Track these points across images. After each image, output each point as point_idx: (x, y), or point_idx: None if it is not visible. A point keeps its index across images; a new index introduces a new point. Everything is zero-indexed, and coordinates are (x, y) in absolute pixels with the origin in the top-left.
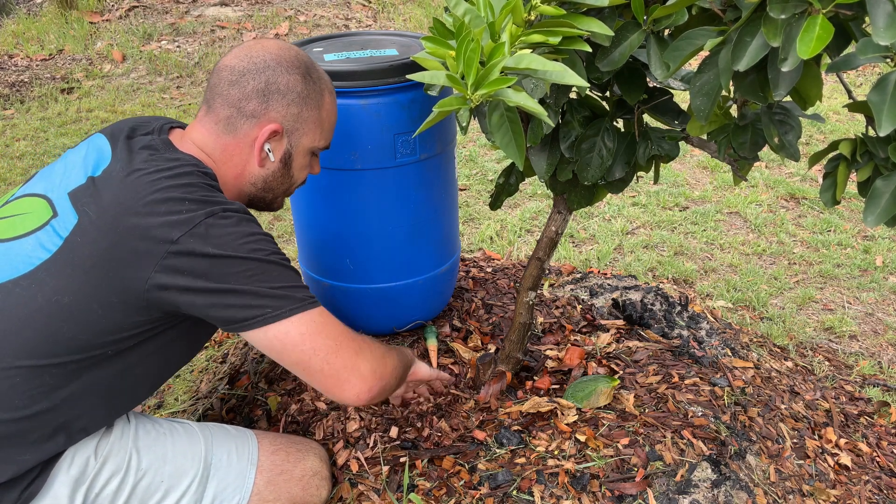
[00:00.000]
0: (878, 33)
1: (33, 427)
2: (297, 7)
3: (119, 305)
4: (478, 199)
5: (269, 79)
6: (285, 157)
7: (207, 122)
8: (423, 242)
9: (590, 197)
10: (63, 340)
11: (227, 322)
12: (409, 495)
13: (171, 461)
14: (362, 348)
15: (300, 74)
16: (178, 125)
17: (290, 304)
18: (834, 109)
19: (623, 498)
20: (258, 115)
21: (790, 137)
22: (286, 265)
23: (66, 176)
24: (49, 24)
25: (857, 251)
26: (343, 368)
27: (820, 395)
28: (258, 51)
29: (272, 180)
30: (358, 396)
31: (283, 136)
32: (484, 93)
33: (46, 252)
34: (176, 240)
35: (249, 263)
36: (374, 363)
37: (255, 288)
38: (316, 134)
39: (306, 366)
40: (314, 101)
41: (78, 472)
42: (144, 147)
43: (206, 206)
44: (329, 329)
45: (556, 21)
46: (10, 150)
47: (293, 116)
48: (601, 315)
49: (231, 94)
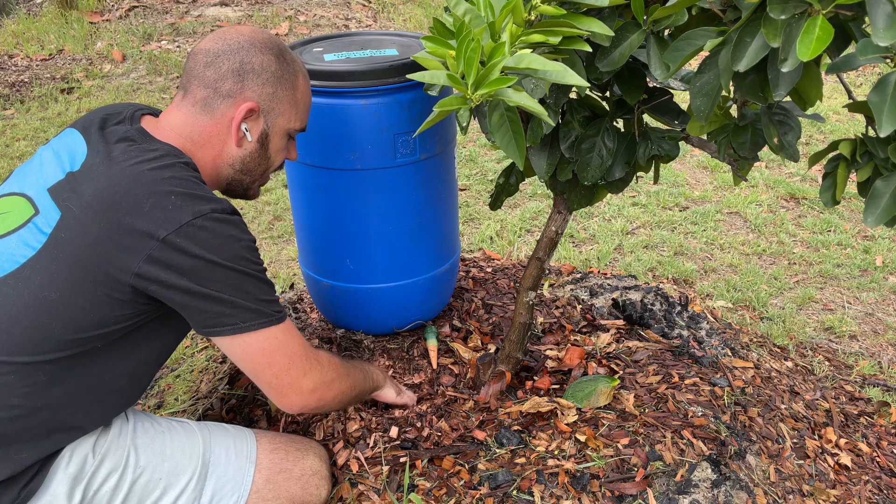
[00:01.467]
0: (877, 34)
1: (30, 425)
2: (297, 7)
3: (105, 298)
4: (478, 199)
5: (244, 59)
6: (262, 138)
7: (184, 106)
8: (423, 242)
9: (590, 197)
10: (52, 336)
11: (198, 325)
12: (410, 495)
13: (170, 459)
14: (312, 369)
15: (273, 55)
16: (149, 111)
17: (259, 318)
18: (834, 109)
19: (623, 498)
20: (234, 95)
21: (790, 138)
22: (263, 277)
23: (42, 173)
24: (49, 24)
25: (857, 251)
26: (287, 385)
27: (820, 395)
28: (232, 34)
29: (249, 161)
30: (291, 408)
31: (260, 115)
32: (484, 92)
33: (31, 249)
34: (163, 238)
35: (230, 273)
36: (317, 385)
37: (231, 298)
38: (291, 114)
39: (257, 374)
40: (289, 82)
41: (76, 470)
42: (121, 139)
43: (194, 203)
44: (287, 347)
45: (556, 21)
46: (10, 150)
47: (268, 96)
48: (601, 315)
49: (207, 76)
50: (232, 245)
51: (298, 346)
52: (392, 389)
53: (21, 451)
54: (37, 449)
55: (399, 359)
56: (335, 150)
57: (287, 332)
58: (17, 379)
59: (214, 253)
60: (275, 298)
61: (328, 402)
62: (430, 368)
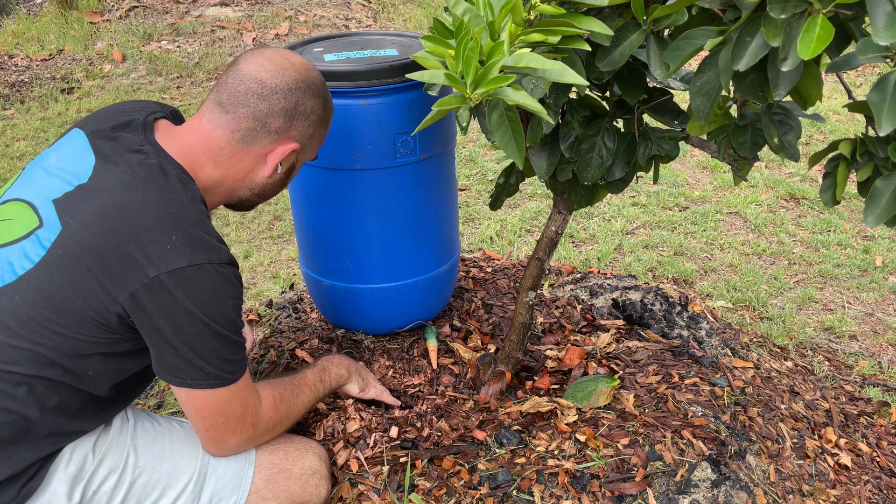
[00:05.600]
0: (878, 33)
1: (28, 429)
2: (297, 7)
3: (93, 322)
4: (478, 199)
5: (299, 101)
6: (289, 170)
7: (222, 126)
8: (423, 242)
9: (590, 197)
10: (45, 352)
11: (155, 365)
12: (410, 495)
13: (169, 459)
14: (243, 431)
15: (322, 99)
16: (163, 114)
17: (209, 379)
18: (834, 109)
19: (623, 498)
20: (280, 133)
21: (790, 137)
22: (234, 337)
23: (49, 181)
24: (49, 24)
25: (857, 251)
26: (213, 439)
27: (820, 395)
28: (287, 68)
29: (271, 188)
30: (211, 454)
31: (296, 152)
32: (483, 91)
33: (30, 262)
34: (153, 276)
35: (204, 329)
36: (241, 444)
37: (191, 356)
38: (316, 150)
39: (193, 420)
40: (326, 123)
41: (76, 469)
42: (132, 150)
43: (193, 248)
44: (227, 408)
45: (555, 20)
46: (10, 150)
47: (308, 137)
48: (601, 315)
49: (259, 109)
50: (217, 302)
51: (240, 407)
52: (355, 385)
53: (20, 451)
54: (36, 449)
55: (399, 359)
56: (335, 150)
57: (234, 393)
58: (12, 388)
59: (197, 306)
60: (238, 358)
61: (252, 446)
62: (430, 368)
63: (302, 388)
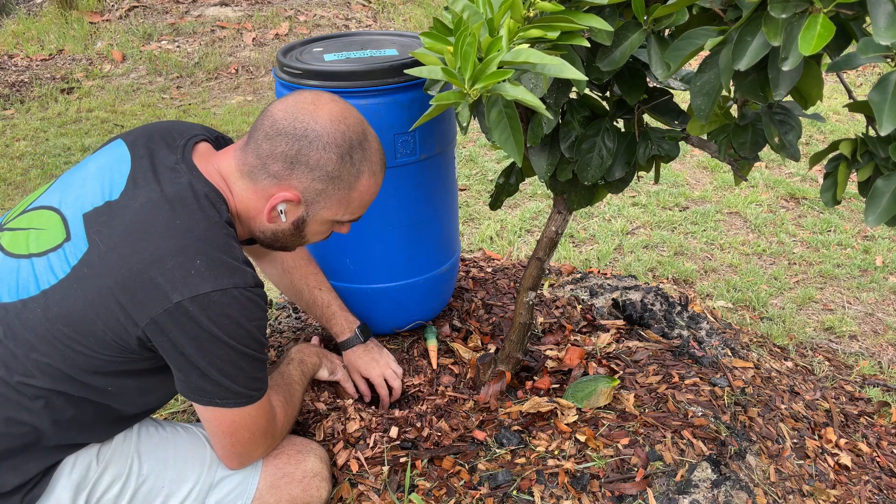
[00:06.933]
0: (878, 33)
1: (38, 441)
2: (297, 7)
3: (113, 343)
4: (478, 199)
5: (301, 150)
6: (298, 222)
7: (239, 157)
8: (422, 242)
9: (590, 197)
10: (63, 369)
11: (181, 385)
12: (410, 495)
13: (173, 466)
14: (267, 443)
15: (337, 154)
16: (204, 137)
17: (237, 398)
18: (834, 109)
19: (623, 498)
20: (279, 178)
21: (790, 137)
22: (260, 356)
23: (83, 192)
24: (49, 24)
25: (857, 251)
26: (239, 454)
27: (820, 395)
28: (307, 115)
29: (282, 236)
30: (231, 468)
31: (301, 204)
32: (481, 86)
33: (55, 277)
34: (176, 301)
35: (230, 351)
36: (264, 453)
37: (218, 377)
38: (339, 209)
39: (217, 439)
40: (345, 182)
41: (79, 477)
42: (166, 168)
43: (218, 273)
44: (254, 424)
45: (554, 17)
46: (10, 150)
47: (315, 191)
48: (601, 315)
49: (262, 148)
50: (242, 325)
51: (265, 422)
52: (325, 370)
53: (28, 461)
54: (43, 460)
55: (399, 359)
56: None
57: (259, 409)
58: (30, 401)
59: (221, 329)
60: (263, 376)
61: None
62: (430, 368)
63: (294, 386)
